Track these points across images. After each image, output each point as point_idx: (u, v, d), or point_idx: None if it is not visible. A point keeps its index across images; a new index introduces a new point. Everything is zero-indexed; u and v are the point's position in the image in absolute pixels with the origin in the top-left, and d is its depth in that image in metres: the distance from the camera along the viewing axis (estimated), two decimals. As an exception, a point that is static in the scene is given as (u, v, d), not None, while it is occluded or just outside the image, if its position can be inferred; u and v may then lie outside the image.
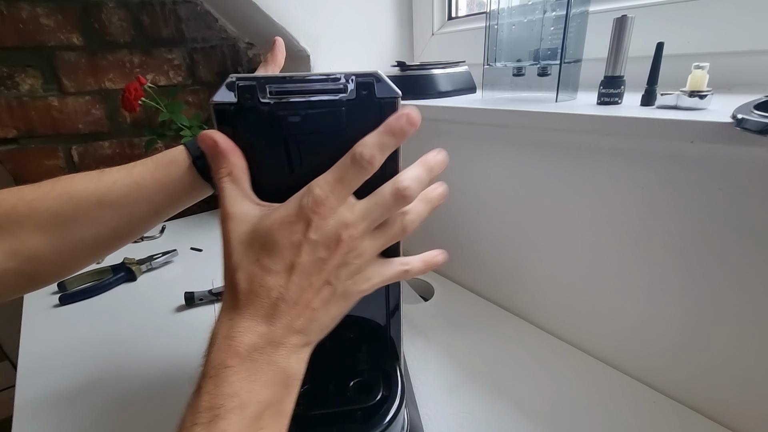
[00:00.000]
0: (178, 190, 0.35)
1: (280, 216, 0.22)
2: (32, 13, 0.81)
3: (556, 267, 0.52)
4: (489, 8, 0.54)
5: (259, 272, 0.22)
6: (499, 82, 0.57)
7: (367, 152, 0.22)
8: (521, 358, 0.52)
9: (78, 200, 0.32)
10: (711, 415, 0.41)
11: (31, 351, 0.56)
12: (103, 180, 0.33)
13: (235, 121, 0.24)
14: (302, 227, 0.22)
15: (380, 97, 0.25)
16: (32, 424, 0.45)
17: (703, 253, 0.38)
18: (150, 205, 0.34)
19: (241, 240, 0.23)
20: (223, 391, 0.20)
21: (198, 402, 0.20)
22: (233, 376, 0.20)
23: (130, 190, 0.33)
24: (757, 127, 0.29)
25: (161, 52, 0.95)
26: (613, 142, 0.42)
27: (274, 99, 0.24)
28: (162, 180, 0.34)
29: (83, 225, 0.32)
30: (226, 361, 0.20)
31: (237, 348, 0.21)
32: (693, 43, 0.47)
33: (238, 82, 0.24)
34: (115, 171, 0.34)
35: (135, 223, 0.35)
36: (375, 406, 0.32)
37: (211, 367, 0.20)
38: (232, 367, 0.20)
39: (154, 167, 0.34)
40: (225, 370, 0.20)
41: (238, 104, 0.24)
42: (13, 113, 0.84)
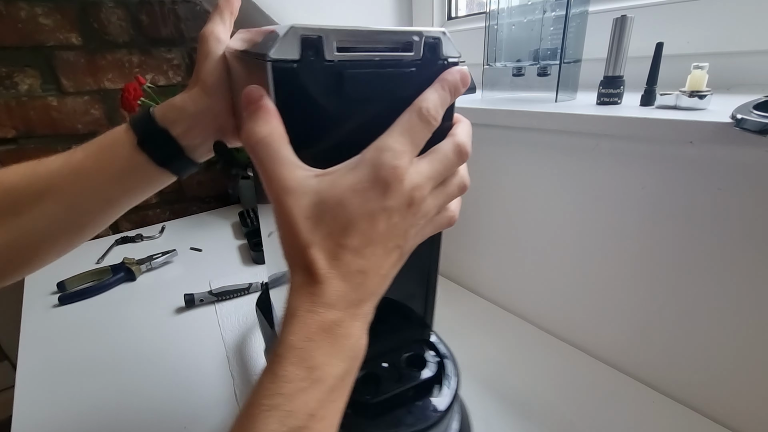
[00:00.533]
0: (126, 176, 0.31)
1: (351, 183, 0.21)
2: (31, 13, 0.81)
3: (555, 266, 0.52)
4: (489, 8, 0.54)
5: (336, 247, 0.21)
6: (499, 82, 0.57)
7: (433, 108, 0.22)
8: (521, 358, 0.52)
9: (16, 195, 0.30)
10: (710, 414, 0.42)
11: (31, 351, 0.56)
12: (39, 172, 0.30)
13: (294, 81, 0.21)
14: (378, 193, 0.21)
15: (444, 57, 0.23)
16: (32, 424, 0.45)
17: (702, 252, 0.39)
18: (96, 194, 0.31)
19: (306, 215, 0.21)
20: (306, 364, 0.20)
21: (279, 372, 0.19)
22: (316, 350, 0.20)
23: (70, 181, 0.30)
24: (757, 128, 0.29)
25: (160, 51, 0.94)
26: (613, 143, 0.42)
27: (339, 57, 0.21)
28: (105, 167, 0.30)
29: (26, 219, 0.30)
30: (310, 335, 0.20)
31: (322, 322, 0.20)
32: (692, 44, 0.47)
33: (302, 33, 0.20)
34: (53, 160, 0.31)
35: (86, 215, 0.32)
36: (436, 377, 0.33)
37: (295, 338, 0.20)
38: (315, 341, 0.20)
39: (96, 152, 0.31)
40: (309, 343, 0.20)
41: (300, 61, 0.20)
42: (11, 113, 0.84)
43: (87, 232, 0.33)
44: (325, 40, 0.20)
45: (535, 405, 0.44)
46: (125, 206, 0.33)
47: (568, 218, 0.49)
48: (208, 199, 1.12)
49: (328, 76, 0.21)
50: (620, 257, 0.45)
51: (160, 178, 0.33)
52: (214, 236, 0.90)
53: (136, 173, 0.31)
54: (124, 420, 0.45)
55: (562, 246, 0.51)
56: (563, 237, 0.50)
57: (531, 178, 0.52)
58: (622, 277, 0.46)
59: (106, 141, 0.31)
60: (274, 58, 0.20)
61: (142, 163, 0.31)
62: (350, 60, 0.21)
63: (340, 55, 0.21)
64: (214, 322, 0.60)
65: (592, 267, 0.48)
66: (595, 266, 0.48)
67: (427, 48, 0.23)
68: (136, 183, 0.32)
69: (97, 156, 0.31)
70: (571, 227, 0.49)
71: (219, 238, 0.89)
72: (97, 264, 0.79)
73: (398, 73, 0.22)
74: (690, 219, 0.39)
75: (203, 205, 1.11)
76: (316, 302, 0.20)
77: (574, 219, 0.49)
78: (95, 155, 0.31)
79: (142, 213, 1.04)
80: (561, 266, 0.52)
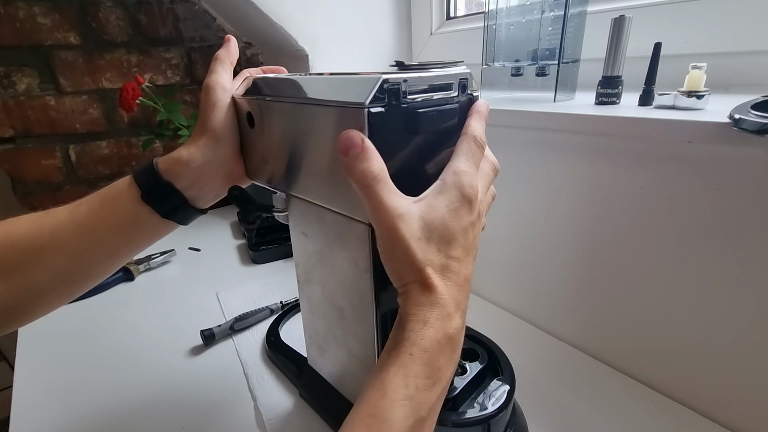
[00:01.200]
0: (130, 229, 0.32)
1: (445, 204, 0.25)
2: (29, 12, 0.80)
3: (553, 266, 0.53)
4: (487, 8, 0.54)
5: (447, 261, 0.24)
6: (498, 82, 0.57)
7: (481, 135, 0.27)
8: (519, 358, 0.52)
9: (21, 249, 0.30)
10: (710, 414, 0.42)
11: (29, 351, 0.56)
12: (44, 225, 0.31)
13: (383, 123, 0.25)
14: (466, 210, 0.25)
15: (470, 92, 0.29)
16: (30, 424, 0.44)
17: (700, 252, 0.39)
18: (100, 247, 0.32)
19: (418, 236, 0.24)
20: (434, 366, 0.23)
21: (414, 370, 0.22)
22: (441, 354, 0.23)
23: (75, 235, 0.31)
24: (754, 128, 0.29)
25: (159, 51, 0.94)
26: (611, 142, 0.42)
27: (409, 100, 0.26)
28: (109, 220, 0.31)
29: (31, 272, 0.30)
30: (440, 341, 0.23)
31: (449, 331, 0.23)
32: (691, 44, 0.47)
33: (390, 84, 0.24)
34: (59, 212, 0.31)
35: (89, 268, 0.33)
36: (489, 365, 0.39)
37: (427, 343, 0.23)
38: (442, 346, 0.23)
39: (100, 206, 0.31)
40: (438, 347, 0.23)
41: (387, 107, 0.25)
42: (9, 113, 0.83)
43: (89, 282, 0.34)
44: (402, 88, 0.25)
45: (536, 404, 0.44)
46: (129, 256, 0.34)
47: (567, 218, 0.49)
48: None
49: (406, 117, 0.26)
50: (618, 256, 0.45)
51: (165, 228, 0.34)
52: (213, 236, 0.90)
53: (141, 226, 0.32)
54: (122, 420, 0.45)
55: (561, 245, 0.51)
56: (561, 236, 0.50)
57: (529, 177, 0.52)
58: (620, 277, 0.46)
59: (110, 194, 0.32)
60: (369, 106, 0.24)
61: (146, 215, 0.32)
62: (417, 102, 0.26)
63: (410, 98, 0.26)
64: (221, 318, 0.60)
65: (590, 266, 0.48)
66: (594, 265, 0.48)
67: (460, 86, 0.28)
68: (140, 235, 0.33)
69: (101, 210, 0.31)
70: (569, 227, 0.49)
71: (218, 238, 0.89)
72: (95, 264, 0.79)
73: (449, 109, 0.28)
74: (688, 218, 0.39)
75: (202, 205, 1.11)
76: (443, 312, 0.24)
77: (572, 219, 0.49)
78: (99, 209, 0.31)
79: (140, 213, 1.04)
80: (559, 265, 0.52)
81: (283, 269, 0.75)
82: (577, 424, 0.42)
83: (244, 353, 0.53)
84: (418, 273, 0.24)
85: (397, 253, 0.24)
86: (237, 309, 0.61)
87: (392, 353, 0.23)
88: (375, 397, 0.22)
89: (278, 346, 0.52)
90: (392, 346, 0.24)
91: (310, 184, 0.31)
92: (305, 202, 0.32)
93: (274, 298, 0.63)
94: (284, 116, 0.31)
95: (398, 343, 0.23)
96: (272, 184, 0.35)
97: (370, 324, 0.31)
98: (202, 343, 0.55)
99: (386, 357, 0.23)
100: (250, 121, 0.34)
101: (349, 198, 0.27)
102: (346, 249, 0.30)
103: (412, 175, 0.26)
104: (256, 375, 0.49)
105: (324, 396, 0.42)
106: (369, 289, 0.29)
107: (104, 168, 0.96)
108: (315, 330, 0.40)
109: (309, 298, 0.39)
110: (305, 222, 0.34)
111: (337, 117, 0.26)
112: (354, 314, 0.33)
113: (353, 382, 0.38)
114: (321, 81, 0.29)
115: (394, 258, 0.24)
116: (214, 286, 0.69)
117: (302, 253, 0.37)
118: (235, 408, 0.45)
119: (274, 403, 0.45)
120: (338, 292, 0.34)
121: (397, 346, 0.23)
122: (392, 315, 0.30)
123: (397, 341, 0.23)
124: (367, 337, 0.32)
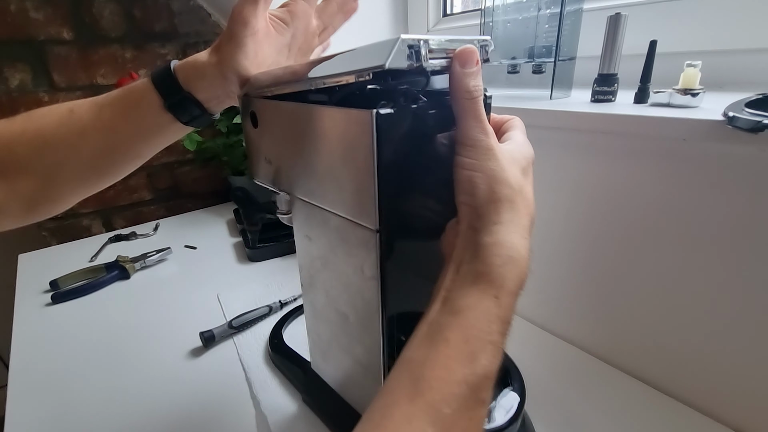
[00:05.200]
0: (153, 135, 0.34)
1: (524, 156, 0.28)
2: (21, 6, 0.79)
3: (549, 262, 0.53)
4: (484, 5, 0.54)
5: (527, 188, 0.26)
6: (494, 80, 0.57)
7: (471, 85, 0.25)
8: (519, 358, 0.52)
9: (54, 145, 0.32)
10: (709, 413, 0.42)
11: (24, 350, 0.55)
12: (72, 126, 0.32)
13: (391, 125, 0.25)
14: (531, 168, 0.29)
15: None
16: (25, 424, 0.44)
17: (695, 249, 0.39)
18: (127, 148, 0.34)
19: (511, 160, 0.25)
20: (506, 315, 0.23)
21: (492, 313, 0.22)
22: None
23: (103, 136, 0.33)
24: (748, 125, 0.29)
25: (154, 46, 0.94)
26: (607, 140, 0.43)
27: (429, 65, 0.25)
28: (135, 126, 0.33)
29: (65, 168, 0.33)
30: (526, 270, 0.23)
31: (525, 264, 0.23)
32: (686, 42, 0.47)
33: (407, 47, 0.24)
34: (83, 112, 0.33)
35: (117, 166, 0.35)
36: None
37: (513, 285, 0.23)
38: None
39: (124, 110, 0.33)
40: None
41: (396, 107, 0.25)
42: (1, 109, 0.82)
43: (116, 176, 0.36)
44: (421, 50, 0.25)
45: (540, 405, 0.44)
46: (150, 155, 0.36)
47: (562, 215, 0.49)
48: (203, 196, 1.12)
49: (414, 118, 0.26)
50: (614, 254, 0.46)
51: (183, 132, 0.36)
52: (209, 234, 0.90)
53: (164, 132, 0.34)
54: (118, 419, 0.45)
55: (557, 242, 0.51)
56: (557, 233, 0.51)
57: (526, 175, 0.52)
58: (616, 274, 0.46)
59: (131, 99, 0.33)
60: (390, 67, 0.23)
61: (168, 122, 0.33)
62: (425, 106, 0.27)
63: (431, 62, 0.25)
64: (221, 320, 0.60)
65: (587, 263, 0.49)
66: (589, 262, 0.48)
67: (482, 50, 0.27)
68: (163, 139, 0.35)
69: (126, 115, 0.33)
70: (564, 224, 0.49)
71: (214, 236, 0.89)
72: (90, 262, 0.78)
73: (447, 102, 0.27)
74: (683, 215, 0.39)
75: (198, 202, 1.11)
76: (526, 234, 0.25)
77: (567, 216, 0.49)
78: (124, 114, 0.33)
79: (136, 210, 1.04)
80: (555, 262, 0.52)
81: (280, 267, 0.75)
82: (578, 423, 0.42)
83: (246, 356, 0.52)
84: (511, 190, 0.24)
85: (491, 165, 0.24)
86: (237, 310, 0.60)
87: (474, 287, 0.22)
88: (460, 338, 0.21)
89: (281, 349, 0.52)
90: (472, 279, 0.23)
91: (314, 186, 0.30)
92: (309, 204, 0.31)
93: (274, 299, 0.63)
94: (288, 116, 0.30)
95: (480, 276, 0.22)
96: (276, 185, 0.35)
97: (376, 332, 0.30)
98: (200, 343, 0.54)
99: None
100: (253, 120, 0.33)
101: (355, 202, 0.26)
102: (351, 255, 0.29)
103: (422, 176, 0.27)
104: (259, 379, 0.48)
105: (328, 402, 0.41)
106: (375, 297, 0.28)
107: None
108: (319, 335, 0.40)
109: (313, 303, 0.39)
110: (309, 225, 0.34)
111: (343, 119, 0.25)
112: (359, 321, 0.32)
113: (357, 389, 0.37)
114: (334, 60, 0.27)
115: (487, 168, 0.24)
116: (211, 285, 0.69)
117: (306, 257, 0.37)
118: (235, 411, 0.45)
119: (276, 407, 0.44)
120: (343, 298, 0.33)
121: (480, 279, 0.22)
122: (399, 324, 0.30)
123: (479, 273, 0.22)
124: (372, 346, 0.31)
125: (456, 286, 0.23)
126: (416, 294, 0.30)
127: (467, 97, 0.24)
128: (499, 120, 0.32)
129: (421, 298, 0.26)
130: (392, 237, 0.26)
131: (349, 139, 0.25)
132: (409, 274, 0.29)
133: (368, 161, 0.24)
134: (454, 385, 0.20)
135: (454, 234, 0.25)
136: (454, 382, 0.20)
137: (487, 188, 0.24)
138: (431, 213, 0.28)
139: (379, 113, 0.23)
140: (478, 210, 0.24)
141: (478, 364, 0.20)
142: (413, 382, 0.20)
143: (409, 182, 0.26)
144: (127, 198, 1.01)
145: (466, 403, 0.20)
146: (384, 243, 0.26)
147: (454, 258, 0.24)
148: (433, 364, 0.20)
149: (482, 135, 0.24)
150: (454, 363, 0.20)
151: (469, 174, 0.24)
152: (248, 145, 0.36)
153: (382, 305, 0.29)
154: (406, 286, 0.29)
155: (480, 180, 0.24)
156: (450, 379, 0.20)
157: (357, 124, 0.24)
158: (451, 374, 0.20)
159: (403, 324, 0.30)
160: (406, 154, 0.25)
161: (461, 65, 0.24)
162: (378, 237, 0.26)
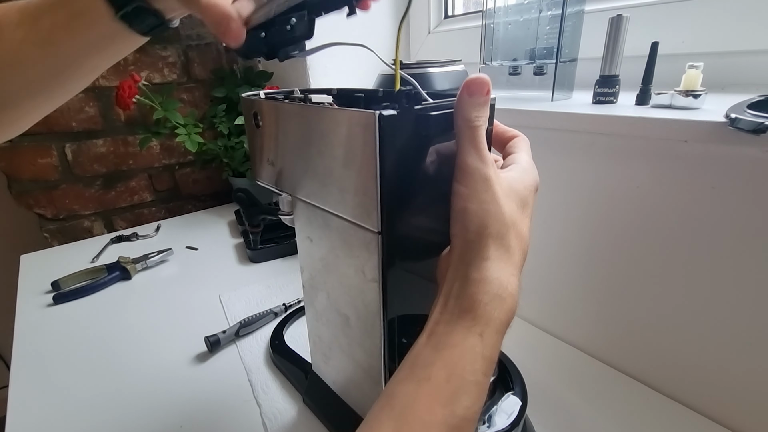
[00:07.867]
0: (104, 47, 0.30)
1: (526, 186, 0.27)
2: (24, 9, 0.79)
3: (548, 264, 0.53)
4: (485, 7, 0.54)
5: (521, 227, 0.25)
6: (495, 81, 0.57)
7: (474, 114, 0.25)
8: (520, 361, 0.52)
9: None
10: (711, 416, 0.42)
11: (25, 351, 0.56)
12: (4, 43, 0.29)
13: (394, 127, 0.25)
14: (534, 197, 0.28)
15: None
16: (26, 424, 0.44)
17: (697, 251, 0.39)
18: (75, 63, 0.31)
19: (507, 194, 0.25)
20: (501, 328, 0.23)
21: (477, 352, 0.22)
22: None
23: (43, 51, 0.29)
24: (750, 127, 0.29)
25: (156, 49, 0.94)
26: (608, 141, 0.43)
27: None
28: (82, 38, 0.29)
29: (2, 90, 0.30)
30: (514, 309, 0.24)
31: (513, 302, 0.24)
32: (687, 43, 0.47)
33: None
34: (16, 28, 0.28)
35: (67, 83, 0.32)
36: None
37: (499, 323, 0.23)
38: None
39: (66, 21, 0.28)
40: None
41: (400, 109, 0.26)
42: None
43: (69, 94, 0.34)
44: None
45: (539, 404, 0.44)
46: (105, 69, 0.33)
47: (563, 217, 0.49)
48: (204, 198, 1.12)
49: (417, 120, 0.26)
50: (614, 255, 0.45)
51: (140, 42, 0.32)
52: (210, 235, 0.90)
53: (116, 43, 0.30)
54: (119, 420, 0.44)
55: (558, 244, 0.51)
56: (558, 235, 0.51)
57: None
58: (616, 276, 0.46)
59: (74, 8, 0.28)
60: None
61: (121, 31, 0.29)
62: (428, 108, 0.27)
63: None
64: (222, 321, 0.60)
65: (586, 265, 0.49)
66: (589, 264, 0.48)
67: None
68: (117, 52, 0.32)
69: (69, 26, 0.28)
70: (565, 225, 0.49)
71: (215, 237, 0.89)
72: (92, 263, 0.78)
73: (451, 105, 0.27)
74: (684, 217, 0.39)
75: (199, 204, 1.11)
76: (516, 271, 0.25)
77: (568, 217, 0.49)
78: (66, 25, 0.28)
79: (137, 212, 1.04)
80: (557, 264, 0.52)
81: (281, 268, 0.75)
82: (577, 423, 0.42)
83: (248, 358, 0.52)
84: (504, 226, 0.24)
85: (485, 198, 0.24)
86: (239, 311, 0.61)
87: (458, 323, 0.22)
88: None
89: (282, 350, 0.51)
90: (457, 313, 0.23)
91: (316, 187, 0.30)
92: (311, 206, 0.31)
93: (277, 301, 0.62)
94: (291, 118, 0.30)
95: (467, 310, 0.22)
96: (278, 187, 0.35)
97: (377, 335, 0.30)
98: (204, 346, 0.54)
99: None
100: (256, 121, 0.33)
101: (357, 204, 0.26)
102: (352, 257, 0.29)
103: (424, 179, 0.27)
104: (260, 382, 0.48)
105: (328, 404, 0.41)
106: (376, 299, 0.28)
107: (101, 166, 0.96)
108: (320, 337, 0.40)
109: (314, 304, 0.39)
110: (311, 227, 0.34)
111: (346, 120, 0.25)
112: (360, 323, 0.32)
113: (358, 392, 0.37)
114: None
115: (481, 201, 0.24)
116: (212, 286, 0.69)
117: (308, 259, 0.37)
118: (239, 414, 0.45)
119: (277, 410, 0.44)
120: (344, 300, 0.33)
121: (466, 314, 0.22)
122: (400, 326, 0.30)
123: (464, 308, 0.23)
124: (373, 348, 0.31)
125: (443, 320, 0.23)
126: (417, 296, 0.30)
127: (467, 125, 0.24)
128: (504, 133, 0.31)
129: (422, 301, 0.26)
130: (394, 239, 0.26)
131: (352, 141, 0.25)
132: (411, 277, 0.29)
133: (371, 163, 0.24)
134: (433, 427, 0.20)
135: (446, 264, 0.25)
136: (434, 424, 0.20)
137: (479, 222, 0.24)
138: (433, 216, 0.28)
139: (382, 115, 0.23)
140: (469, 244, 0.24)
141: (459, 405, 0.21)
142: (395, 421, 0.21)
143: (411, 185, 0.26)
144: (128, 199, 1.02)
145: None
146: (386, 245, 0.26)
147: (444, 289, 0.24)
148: (414, 403, 0.21)
149: (480, 163, 0.24)
150: (435, 404, 0.21)
151: (464, 205, 0.24)
152: (251, 146, 0.36)
153: (383, 307, 0.28)
154: (407, 289, 0.29)
155: (473, 212, 0.24)
156: (431, 421, 0.20)
157: (360, 125, 0.24)
158: (432, 415, 0.20)
159: (404, 326, 0.30)
160: (409, 156, 0.25)
161: (469, 94, 0.24)
162: (380, 239, 0.26)
